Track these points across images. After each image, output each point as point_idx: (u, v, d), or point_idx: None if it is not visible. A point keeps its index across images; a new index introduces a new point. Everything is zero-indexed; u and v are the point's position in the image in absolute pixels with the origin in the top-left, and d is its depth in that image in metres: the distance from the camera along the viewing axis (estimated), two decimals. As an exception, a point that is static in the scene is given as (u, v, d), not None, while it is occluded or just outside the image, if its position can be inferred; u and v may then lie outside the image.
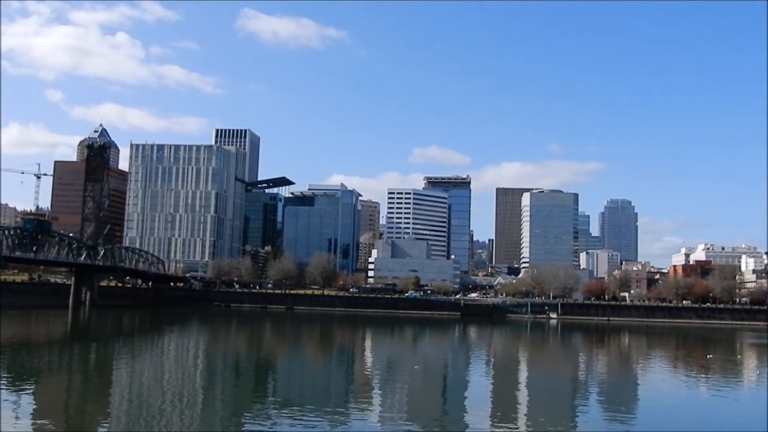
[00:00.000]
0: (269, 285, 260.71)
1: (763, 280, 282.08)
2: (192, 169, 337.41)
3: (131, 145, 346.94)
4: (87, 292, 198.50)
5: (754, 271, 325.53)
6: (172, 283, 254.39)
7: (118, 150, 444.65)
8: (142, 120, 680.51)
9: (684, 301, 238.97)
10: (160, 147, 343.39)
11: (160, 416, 43.41)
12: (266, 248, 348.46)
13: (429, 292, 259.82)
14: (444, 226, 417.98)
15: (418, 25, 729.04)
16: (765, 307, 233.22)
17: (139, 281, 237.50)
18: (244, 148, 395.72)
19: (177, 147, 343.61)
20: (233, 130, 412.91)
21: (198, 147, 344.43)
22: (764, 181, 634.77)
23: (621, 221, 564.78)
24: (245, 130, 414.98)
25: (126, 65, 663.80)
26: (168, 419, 42.72)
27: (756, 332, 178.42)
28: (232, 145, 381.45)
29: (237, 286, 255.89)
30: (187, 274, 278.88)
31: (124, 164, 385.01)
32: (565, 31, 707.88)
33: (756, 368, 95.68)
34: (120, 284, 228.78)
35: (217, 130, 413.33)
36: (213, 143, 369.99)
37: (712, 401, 60.28)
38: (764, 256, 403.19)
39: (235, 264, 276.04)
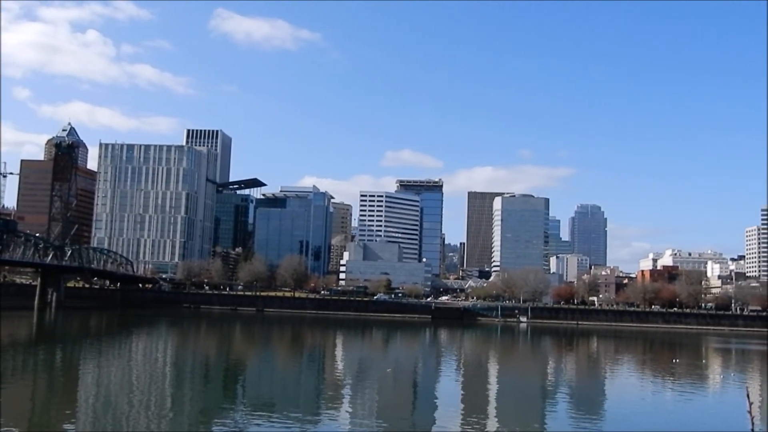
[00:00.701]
0: (240, 287, 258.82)
1: (728, 286, 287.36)
2: (162, 169, 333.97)
3: (100, 144, 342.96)
4: (53, 294, 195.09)
5: (719, 277, 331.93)
6: (140, 285, 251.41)
7: (87, 149, 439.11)
8: (112, 119, 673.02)
9: (652, 306, 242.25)
10: (130, 147, 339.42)
11: (126, 419, 42.85)
12: (237, 250, 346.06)
13: (400, 294, 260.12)
14: (416, 229, 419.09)
15: (392, 28, 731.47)
16: (729, 313, 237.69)
17: (107, 282, 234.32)
18: (216, 149, 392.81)
19: (147, 147, 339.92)
20: (205, 131, 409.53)
21: (169, 147, 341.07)
22: (730, 190, 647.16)
23: (590, 226, 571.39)
24: (217, 131, 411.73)
25: (96, 63, 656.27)
26: (135, 422, 42.20)
27: (721, 337, 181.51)
28: (204, 145, 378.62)
29: (207, 287, 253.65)
30: (157, 276, 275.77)
31: (92, 164, 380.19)
32: (538, 38, 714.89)
33: (720, 373, 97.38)
34: (87, 285, 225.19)
35: (189, 131, 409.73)
36: (184, 143, 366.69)
37: (677, 405, 61.17)
38: (729, 263, 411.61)
39: (206, 265, 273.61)
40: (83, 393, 54.75)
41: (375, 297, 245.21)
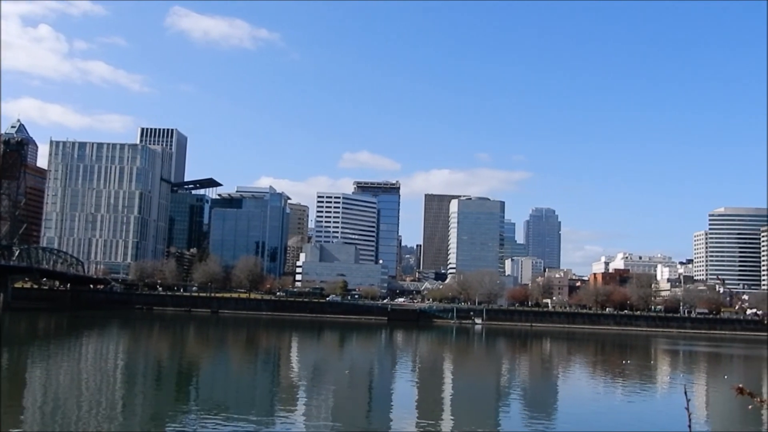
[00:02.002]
0: (194, 288, 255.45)
1: (677, 289, 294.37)
2: (115, 168, 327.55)
3: (51, 141, 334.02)
4: (0, 295, 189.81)
5: (668, 280, 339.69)
6: (91, 286, 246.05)
7: (37, 147, 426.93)
8: (64, 116, 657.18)
9: (604, 308, 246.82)
10: (82, 144, 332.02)
11: (76, 423, 41.93)
12: (192, 250, 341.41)
13: (357, 296, 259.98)
14: (373, 231, 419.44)
15: (351, 30, 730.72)
16: (678, 315, 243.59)
17: (57, 283, 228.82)
18: (171, 148, 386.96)
19: (100, 145, 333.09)
20: (159, 130, 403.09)
21: (122, 145, 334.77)
22: (679, 195, 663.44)
23: (545, 230, 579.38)
24: (172, 130, 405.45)
25: (48, 59, 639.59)
26: (84, 425, 41.31)
27: (669, 339, 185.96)
28: (158, 144, 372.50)
29: (160, 288, 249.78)
30: (109, 276, 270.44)
31: (43, 161, 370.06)
32: (497, 42, 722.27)
33: (668, 373, 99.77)
34: (36, 286, 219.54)
35: (143, 129, 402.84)
36: (138, 142, 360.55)
37: (626, 405, 62.46)
38: (678, 266, 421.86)
39: (159, 266, 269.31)
40: (30, 397, 53.38)
41: (327, 298, 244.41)
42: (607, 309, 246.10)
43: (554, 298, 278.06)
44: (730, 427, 51.27)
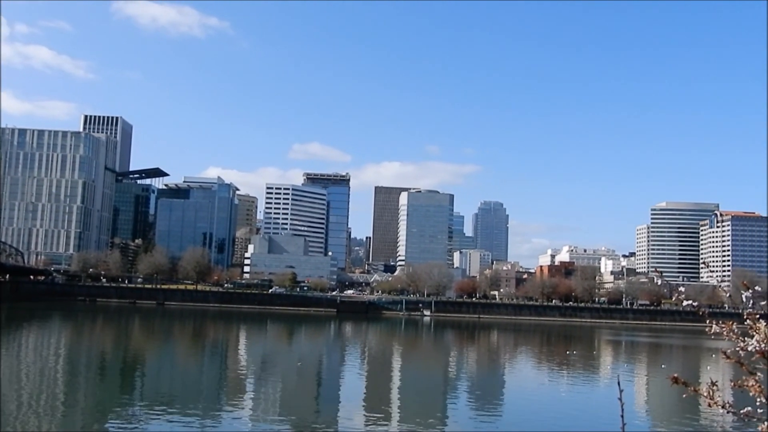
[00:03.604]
0: (139, 279, 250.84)
1: (620, 281, 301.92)
2: (57, 156, 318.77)
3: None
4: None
5: (612, 273, 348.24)
6: (31, 277, 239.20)
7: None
8: (4, 102, 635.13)
9: (551, 300, 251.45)
10: (22, 131, 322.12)
11: (14, 419, 40.66)
12: (137, 241, 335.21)
13: (306, 288, 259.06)
14: (322, 223, 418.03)
15: (302, 20, 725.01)
16: (621, 307, 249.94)
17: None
18: (115, 137, 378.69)
19: (41, 132, 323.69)
20: (104, 117, 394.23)
21: (64, 133, 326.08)
22: (623, 190, 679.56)
23: (493, 222, 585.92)
24: (117, 118, 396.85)
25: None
26: (24, 422, 40.10)
27: (612, 330, 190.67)
28: (103, 132, 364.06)
29: (104, 280, 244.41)
30: (50, 267, 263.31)
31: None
32: (446, 36, 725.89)
33: (610, 363, 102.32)
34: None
35: (86, 117, 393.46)
36: (81, 130, 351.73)
37: (569, 394, 63.81)
38: (621, 259, 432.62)
39: (103, 257, 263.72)
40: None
41: (271, 290, 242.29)
42: (553, 301, 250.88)
43: (502, 290, 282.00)
44: (665, 415, 52.83)
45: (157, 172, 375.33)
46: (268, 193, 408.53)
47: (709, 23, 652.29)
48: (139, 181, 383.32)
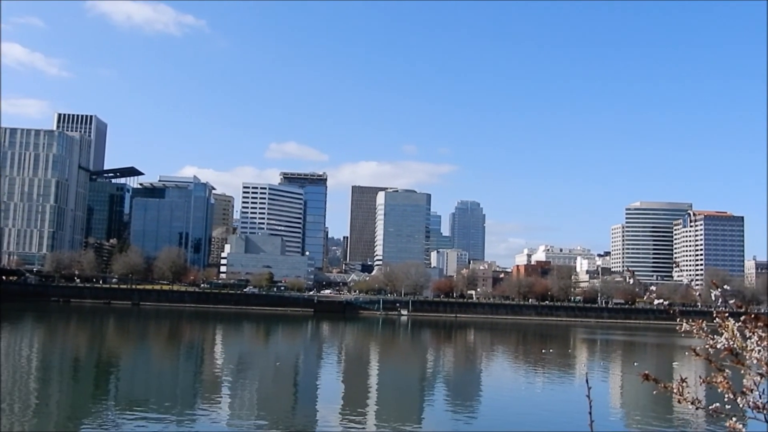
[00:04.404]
0: (114, 280, 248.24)
1: (595, 280, 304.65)
2: (30, 154, 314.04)
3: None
4: None
5: (587, 272, 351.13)
6: (4, 277, 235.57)
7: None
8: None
9: (527, 299, 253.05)
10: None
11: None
12: (111, 241, 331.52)
13: (283, 288, 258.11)
14: (299, 223, 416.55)
15: (279, 19, 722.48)
16: (596, 305, 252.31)
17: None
18: (90, 135, 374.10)
19: (14, 130, 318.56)
20: (78, 116, 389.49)
21: (37, 131, 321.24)
22: (598, 190, 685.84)
23: (470, 222, 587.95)
24: (91, 116, 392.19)
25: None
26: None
27: (587, 328, 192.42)
28: (77, 131, 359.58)
29: (78, 280, 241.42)
30: (22, 268, 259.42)
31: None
32: (423, 37, 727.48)
33: (585, 361, 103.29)
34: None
35: (60, 115, 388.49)
36: (55, 128, 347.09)
37: (545, 392, 64.32)
38: (596, 258, 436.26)
39: (77, 257, 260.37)
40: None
41: (245, 290, 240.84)
42: (529, 300, 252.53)
43: (478, 289, 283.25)
44: (637, 412, 53.42)
45: (132, 171, 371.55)
46: (244, 192, 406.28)
47: (679, 23, 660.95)
48: (113, 180, 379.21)
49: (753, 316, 4.33)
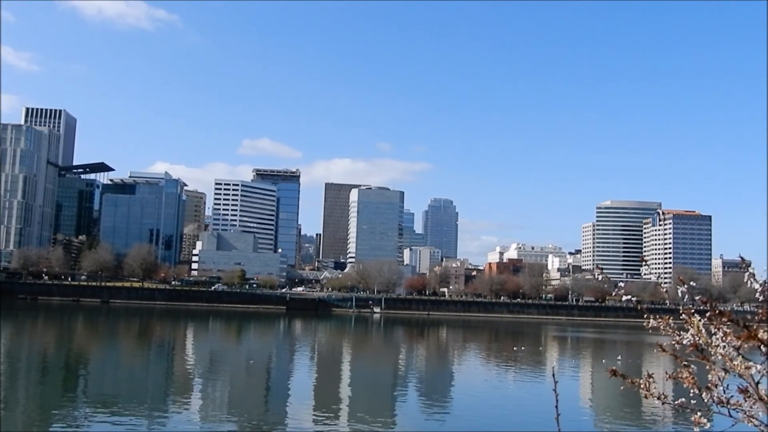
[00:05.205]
0: (83, 277, 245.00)
1: (566, 278, 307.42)
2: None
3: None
4: None
5: (558, 270, 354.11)
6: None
7: None
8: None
9: (499, 297, 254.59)
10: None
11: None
12: (80, 238, 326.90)
13: (255, 285, 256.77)
14: (272, 220, 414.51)
15: (253, 15, 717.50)
16: (567, 303, 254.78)
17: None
18: (59, 130, 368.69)
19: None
20: (46, 110, 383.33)
21: (5, 126, 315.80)
22: (569, 189, 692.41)
23: (443, 220, 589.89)
24: (60, 111, 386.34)
25: None
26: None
27: (558, 326, 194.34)
28: (45, 125, 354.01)
29: (46, 277, 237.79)
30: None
31: None
32: (398, 34, 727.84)
33: (556, 358, 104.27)
34: None
35: (28, 109, 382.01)
36: (23, 122, 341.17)
37: (515, 390, 64.85)
38: (568, 256, 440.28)
39: (45, 254, 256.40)
40: None
41: (213, 287, 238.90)
42: (501, 297, 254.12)
43: (451, 287, 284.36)
44: (605, 407, 54.09)
45: (102, 167, 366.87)
46: (216, 189, 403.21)
47: (645, 24, 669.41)
48: (83, 176, 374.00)
49: (718, 312, 4.54)
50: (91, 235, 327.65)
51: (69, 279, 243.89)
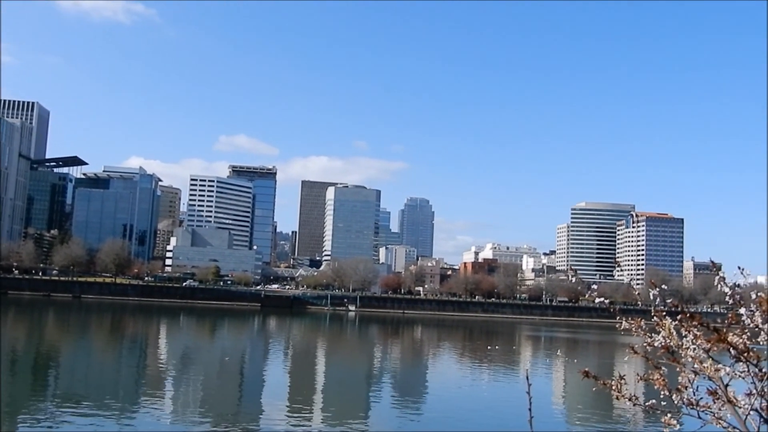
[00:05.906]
0: (54, 271, 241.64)
1: (541, 279, 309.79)
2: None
3: None
4: None
5: (533, 270, 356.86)
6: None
7: None
8: None
9: (474, 296, 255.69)
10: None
11: None
12: (52, 232, 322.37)
13: (229, 282, 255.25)
14: (247, 216, 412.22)
15: (231, 11, 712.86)
16: (541, 303, 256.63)
17: None
18: (31, 122, 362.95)
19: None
20: (19, 102, 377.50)
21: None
22: (544, 190, 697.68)
23: (419, 219, 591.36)
24: (33, 103, 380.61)
25: None
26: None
27: (532, 325, 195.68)
28: (17, 117, 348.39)
29: (16, 272, 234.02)
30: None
31: None
32: (378, 33, 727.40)
33: (529, 358, 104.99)
34: None
35: (0, 101, 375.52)
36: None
37: (490, 389, 65.19)
38: (542, 257, 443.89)
39: (15, 248, 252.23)
40: None
41: (185, 283, 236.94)
42: (476, 297, 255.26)
43: (426, 286, 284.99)
44: (577, 408, 54.53)
45: (75, 161, 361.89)
46: (192, 184, 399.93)
47: (620, 21, 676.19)
48: (55, 170, 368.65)
49: (689, 315, 4.68)
50: (64, 229, 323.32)
51: (40, 273, 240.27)
